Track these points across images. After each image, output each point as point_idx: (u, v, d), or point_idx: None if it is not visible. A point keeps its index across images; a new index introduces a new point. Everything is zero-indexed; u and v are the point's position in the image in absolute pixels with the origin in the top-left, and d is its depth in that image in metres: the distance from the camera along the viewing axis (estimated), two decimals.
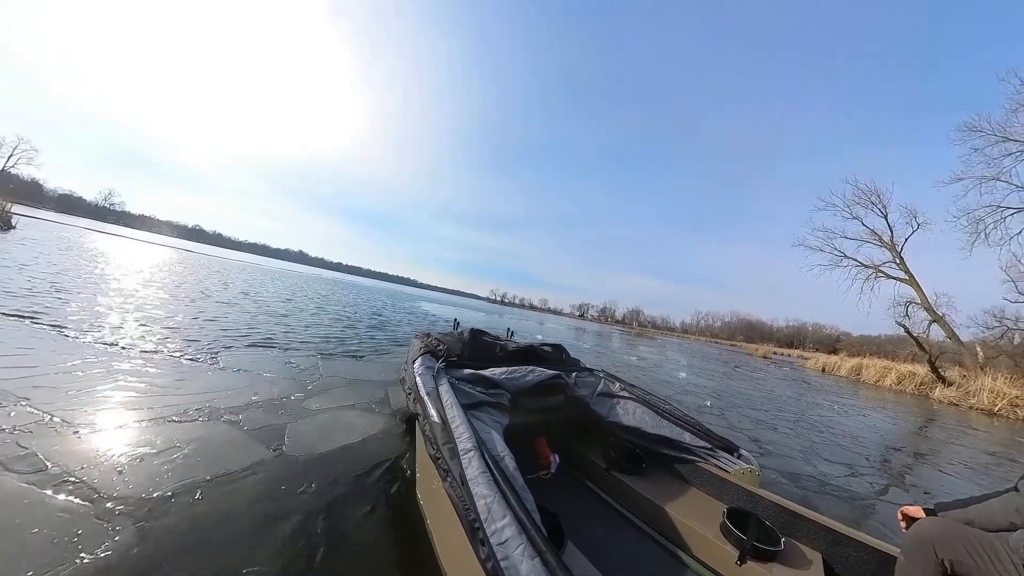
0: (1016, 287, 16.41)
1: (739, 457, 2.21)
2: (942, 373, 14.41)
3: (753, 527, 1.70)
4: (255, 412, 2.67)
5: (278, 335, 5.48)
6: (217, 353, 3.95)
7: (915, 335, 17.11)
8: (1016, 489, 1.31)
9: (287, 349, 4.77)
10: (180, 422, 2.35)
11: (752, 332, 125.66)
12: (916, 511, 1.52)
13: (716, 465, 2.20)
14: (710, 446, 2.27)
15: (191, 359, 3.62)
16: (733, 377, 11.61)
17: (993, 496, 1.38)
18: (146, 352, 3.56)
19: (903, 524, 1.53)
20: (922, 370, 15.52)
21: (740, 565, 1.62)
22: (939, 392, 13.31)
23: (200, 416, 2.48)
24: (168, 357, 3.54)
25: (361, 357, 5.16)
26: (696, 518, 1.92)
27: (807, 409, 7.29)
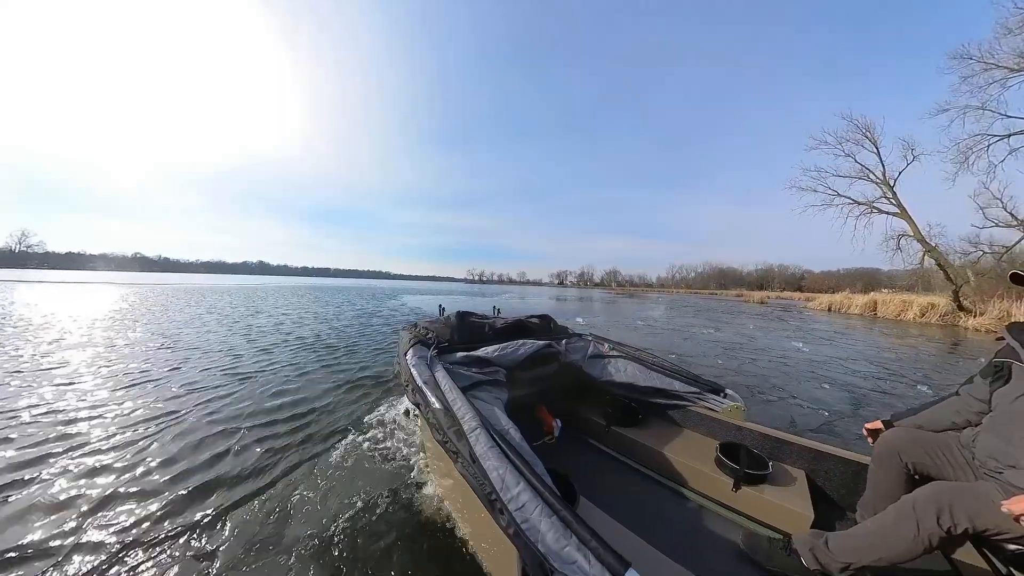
0: (984, 213, 17.39)
1: (725, 396, 2.34)
2: (962, 302, 15.13)
3: (744, 457, 1.86)
4: None
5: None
6: None
7: (944, 267, 17.60)
8: (957, 394, 1.50)
9: None
10: None
11: (725, 279, 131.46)
12: (876, 424, 1.69)
13: (706, 406, 2.35)
14: (698, 390, 2.39)
15: None
16: (817, 336, 10.71)
17: (939, 401, 1.56)
18: None
19: (869, 439, 1.67)
20: (941, 300, 16.27)
21: (735, 491, 1.79)
22: (972, 322, 14.03)
23: None
24: None
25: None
26: (693, 456, 2.07)
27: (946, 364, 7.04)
